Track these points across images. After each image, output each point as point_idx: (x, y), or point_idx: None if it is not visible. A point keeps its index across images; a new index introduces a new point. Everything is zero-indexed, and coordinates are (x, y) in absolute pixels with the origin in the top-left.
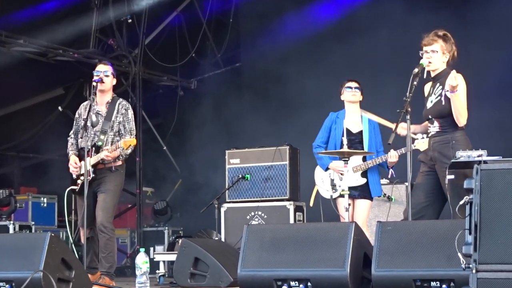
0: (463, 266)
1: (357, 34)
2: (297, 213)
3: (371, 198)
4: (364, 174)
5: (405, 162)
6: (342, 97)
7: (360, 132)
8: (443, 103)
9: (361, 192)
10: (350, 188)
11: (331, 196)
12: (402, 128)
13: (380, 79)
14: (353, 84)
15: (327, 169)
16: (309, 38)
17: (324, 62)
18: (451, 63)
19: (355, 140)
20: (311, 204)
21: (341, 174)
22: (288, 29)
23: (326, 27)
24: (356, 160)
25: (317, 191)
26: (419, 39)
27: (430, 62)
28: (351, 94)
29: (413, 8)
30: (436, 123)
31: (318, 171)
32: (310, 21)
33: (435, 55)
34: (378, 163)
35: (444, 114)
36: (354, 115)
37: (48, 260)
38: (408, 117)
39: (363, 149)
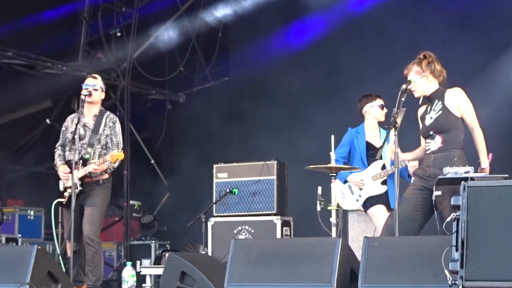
0: (449, 282)
1: (345, 50)
2: (284, 227)
3: (388, 206)
4: (384, 182)
5: None
6: (369, 113)
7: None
8: (446, 116)
9: (378, 199)
10: (370, 198)
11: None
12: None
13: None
14: (382, 101)
15: (345, 181)
16: (297, 54)
17: (312, 78)
18: (444, 80)
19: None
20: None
21: (360, 186)
22: (277, 45)
23: (314, 43)
24: (374, 169)
25: (337, 204)
26: (407, 54)
27: (413, 91)
28: (382, 114)
29: (399, 22)
30: (438, 139)
31: (337, 184)
32: (298, 37)
33: (414, 83)
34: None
35: (448, 127)
36: (375, 130)
37: (35, 273)
38: (395, 133)
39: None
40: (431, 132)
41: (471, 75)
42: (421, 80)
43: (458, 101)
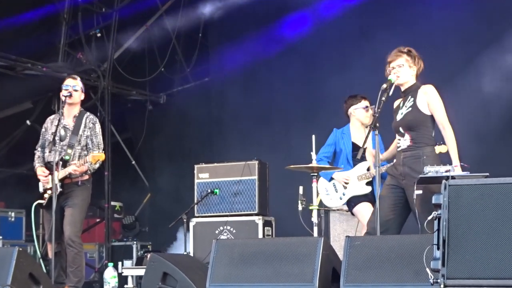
0: (431, 281)
1: (325, 52)
2: (266, 227)
3: (373, 203)
4: (369, 183)
5: None
6: (354, 115)
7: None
8: (414, 113)
9: (363, 198)
10: (354, 197)
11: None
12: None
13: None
14: (368, 103)
15: (331, 179)
16: (278, 53)
17: (293, 77)
18: (420, 77)
19: (362, 154)
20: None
21: (345, 184)
22: (257, 45)
23: (295, 42)
24: (360, 169)
25: (319, 203)
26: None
27: (398, 76)
28: (366, 116)
29: (380, 22)
30: (407, 136)
31: (322, 182)
32: (279, 38)
33: (402, 69)
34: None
35: (416, 125)
36: (360, 131)
37: (16, 274)
38: (376, 132)
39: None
40: (400, 129)
41: (450, 75)
42: (409, 70)
43: (428, 98)
